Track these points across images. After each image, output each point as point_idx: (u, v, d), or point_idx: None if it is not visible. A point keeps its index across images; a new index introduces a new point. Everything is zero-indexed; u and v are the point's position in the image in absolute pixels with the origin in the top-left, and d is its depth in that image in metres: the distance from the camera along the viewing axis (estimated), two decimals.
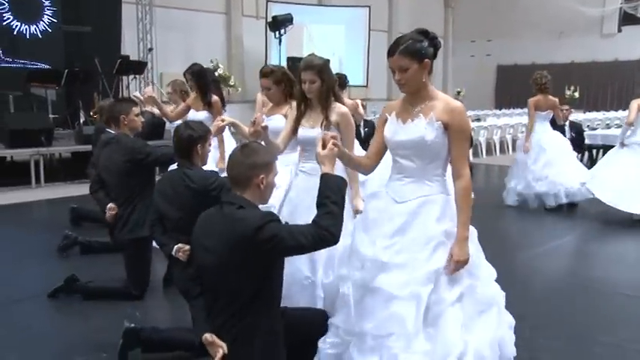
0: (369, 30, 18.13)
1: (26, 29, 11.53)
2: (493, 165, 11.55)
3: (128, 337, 3.15)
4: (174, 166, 3.64)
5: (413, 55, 2.48)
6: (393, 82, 2.63)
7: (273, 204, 3.13)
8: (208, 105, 5.29)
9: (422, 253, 2.50)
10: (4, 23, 11.24)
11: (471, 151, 11.31)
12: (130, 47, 13.35)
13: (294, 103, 3.43)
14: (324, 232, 2.33)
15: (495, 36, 22.13)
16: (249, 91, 14.97)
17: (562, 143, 7.42)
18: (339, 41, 17.75)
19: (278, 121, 3.82)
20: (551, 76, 7.13)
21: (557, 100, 7.23)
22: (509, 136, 13.97)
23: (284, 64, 14.07)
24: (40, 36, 11.70)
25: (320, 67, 3.23)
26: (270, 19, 14.62)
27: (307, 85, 3.23)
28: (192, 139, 3.25)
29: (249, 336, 2.38)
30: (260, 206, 2.49)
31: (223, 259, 2.35)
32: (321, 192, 2.43)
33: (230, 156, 2.52)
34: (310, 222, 2.39)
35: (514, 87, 21.02)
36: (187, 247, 3.16)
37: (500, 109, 19.71)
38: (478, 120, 15.12)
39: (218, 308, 2.44)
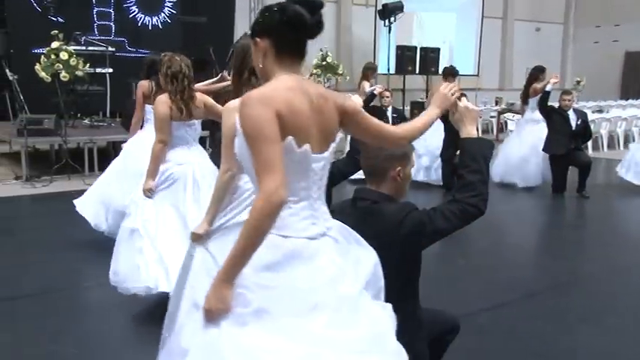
0: (482, 17, 17.38)
1: (149, 20, 12.25)
2: (614, 160, 10.68)
3: None
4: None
5: (252, 31, 1.94)
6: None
7: None
8: None
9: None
10: (130, 16, 12.02)
11: (590, 144, 10.63)
12: None
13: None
14: (464, 205, 2.12)
15: (624, 20, 20.40)
16: (357, 79, 14.92)
17: None
18: (450, 29, 17.17)
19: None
20: None
21: None
22: (635, 128, 12.85)
23: (393, 52, 13.90)
24: (161, 27, 12.39)
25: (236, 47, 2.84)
26: (380, 7, 14.44)
27: None
28: None
29: (398, 331, 2.16)
30: None
31: None
32: (459, 162, 2.21)
33: (365, 147, 2.35)
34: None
35: None
36: None
37: (626, 100, 18.18)
38: (599, 111, 14.04)
39: None
